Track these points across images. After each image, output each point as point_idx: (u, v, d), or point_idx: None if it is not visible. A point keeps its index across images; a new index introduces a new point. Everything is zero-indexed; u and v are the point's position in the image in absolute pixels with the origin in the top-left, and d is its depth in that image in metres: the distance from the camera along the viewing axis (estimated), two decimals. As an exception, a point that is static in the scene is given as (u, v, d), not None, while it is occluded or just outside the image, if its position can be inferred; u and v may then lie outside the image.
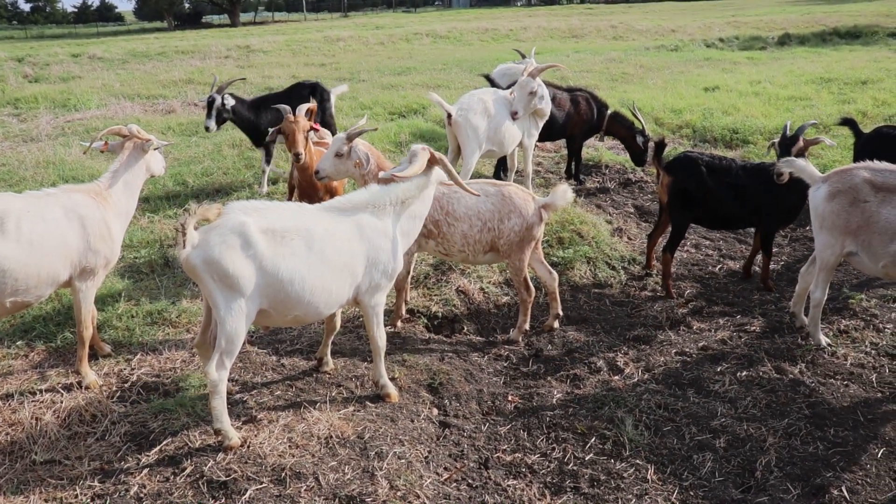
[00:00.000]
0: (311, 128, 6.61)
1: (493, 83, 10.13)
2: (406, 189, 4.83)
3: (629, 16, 49.17)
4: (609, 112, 10.07)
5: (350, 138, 5.78)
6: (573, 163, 10.54)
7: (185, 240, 4.05)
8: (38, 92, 17.18)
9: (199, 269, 4.11)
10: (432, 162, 4.92)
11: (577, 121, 10.00)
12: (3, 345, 5.74)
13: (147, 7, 79.77)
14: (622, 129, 10.13)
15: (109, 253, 5.01)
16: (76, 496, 4.01)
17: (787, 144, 6.87)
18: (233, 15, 67.59)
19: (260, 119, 9.67)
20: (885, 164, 5.55)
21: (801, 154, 6.71)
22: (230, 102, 9.44)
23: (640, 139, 10.04)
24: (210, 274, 4.11)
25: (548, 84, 10.04)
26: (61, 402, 4.85)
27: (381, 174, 5.00)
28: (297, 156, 6.38)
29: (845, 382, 5.45)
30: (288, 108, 6.62)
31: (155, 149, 5.46)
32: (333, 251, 4.45)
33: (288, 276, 4.28)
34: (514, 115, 8.34)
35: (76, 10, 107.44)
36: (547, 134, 10.25)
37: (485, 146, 8.27)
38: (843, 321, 6.42)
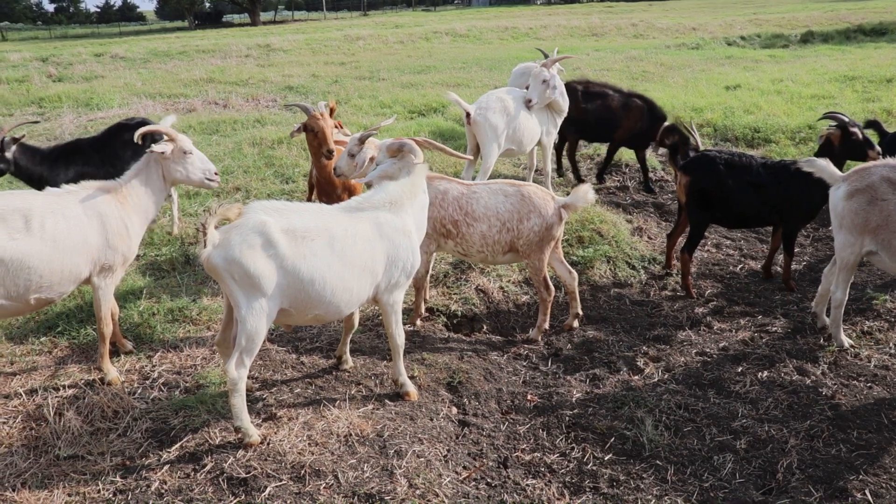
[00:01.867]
0: (336, 125, 6.62)
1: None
2: (415, 182, 4.87)
3: (650, 14, 48.90)
4: (665, 124, 9.58)
5: (362, 141, 5.81)
6: (606, 164, 10.44)
7: (206, 239, 4.07)
8: (62, 91, 17.34)
9: (220, 268, 4.13)
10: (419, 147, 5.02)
11: (625, 126, 9.77)
12: (28, 341, 5.81)
13: (168, 6, 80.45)
14: (672, 141, 9.57)
15: (127, 251, 5.05)
16: (98, 491, 4.05)
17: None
18: (253, 14, 67.95)
19: (56, 175, 7.08)
20: None
21: None
22: (10, 151, 6.97)
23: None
24: (231, 273, 4.13)
25: (604, 85, 10.00)
26: (84, 398, 4.90)
27: (373, 172, 5.11)
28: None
29: (868, 384, 5.39)
30: (309, 105, 6.62)
31: (166, 155, 5.29)
32: (353, 251, 4.47)
33: (308, 276, 4.30)
34: (528, 104, 8.34)
35: (99, 10, 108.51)
36: (591, 133, 10.25)
37: (504, 145, 8.26)
38: (867, 322, 6.35)
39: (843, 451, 4.66)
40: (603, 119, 9.80)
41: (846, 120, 7.06)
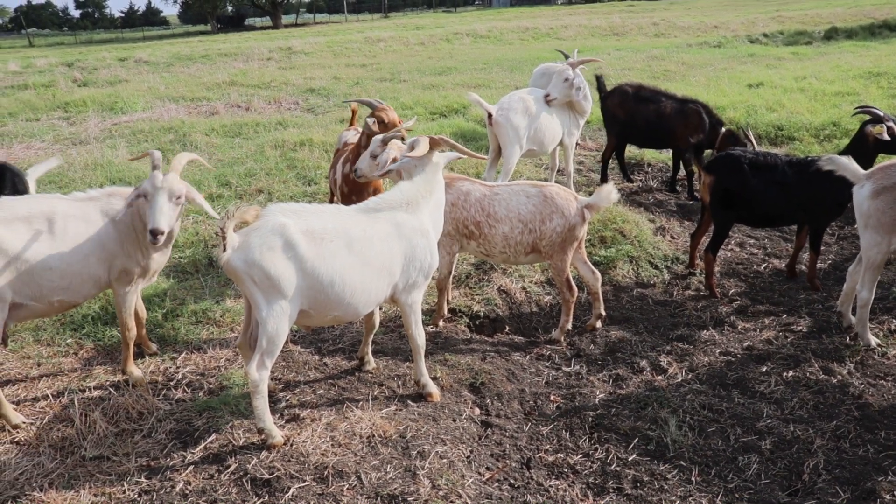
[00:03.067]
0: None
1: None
2: (427, 180, 4.87)
3: (671, 12, 48.59)
4: (724, 130, 9.43)
5: (385, 142, 5.82)
6: (678, 174, 10.20)
7: (226, 242, 4.09)
8: (87, 96, 17.53)
9: (240, 271, 4.15)
10: (434, 145, 4.97)
11: (682, 132, 9.49)
12: (54, 342, 5.88)
13: (191, 11, 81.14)
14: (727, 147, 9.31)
15: (142, 259, 5.05)
16: (124, 492, 4.09)
17: None
18: (274, 17, 68.38)
19: None
20: None
21: None
22: None
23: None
24: (251, 276, 4.15)
25: (659, 92, 9.86)
26: (109, 400, 4.95)
27: (389, 165, 5.17)
28: (402, 139, 6.45)
29: (896, 384, 5.33)
30: (373, 99, 6.75)
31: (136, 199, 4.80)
32: (371, 251, 4.48)
33: (328, 278, 4.31)
34: (547, 98, 8.30)
35: (123, 15, 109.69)
36: (645, 139, 10.12)
37: (525, 146, 8.26)
38: (894, 321, 6.28)
39: (870, 452, 4.61)
40: (654, 124, 9.63)
41: (881, 114, 6.97)
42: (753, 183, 6.78)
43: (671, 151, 10.17)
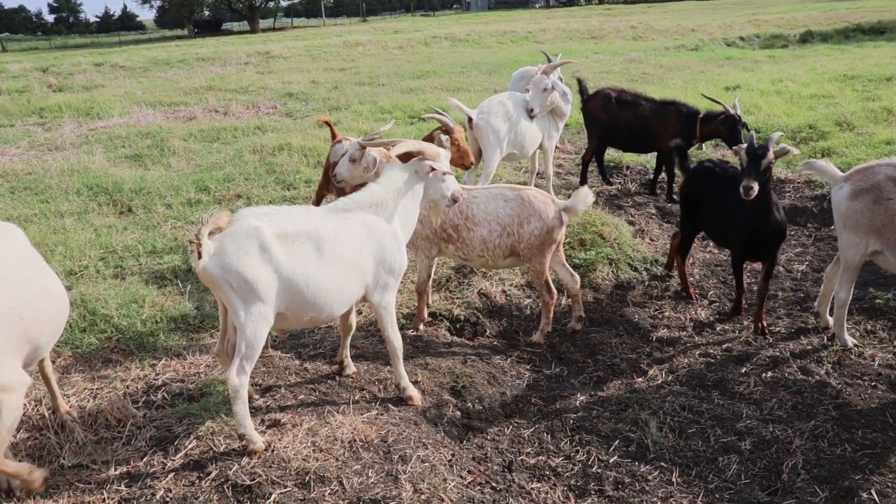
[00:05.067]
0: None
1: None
2: (395, 181, 4.87)
3: (648, 16, 48.95)
4: (700, 116, 9.38)
5: (363, 146, 5.82)
6: (659, 177, 10.18)
7: (202, 249, 4.07)
8: (63, 101, 17.38)
9: (217, 277, 4.12)
10: (426, 157, 4.95)
11: (663, 134, 9.47)
12: (31, 351, 5.80)
13: (167, 15, 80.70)
14: (713, 126, 9.31)
15: None
16: (103, 500, 4.05)
17: (757, 155, 5.80)
18: (252, 21, 68.18)
19: None
20: None
21: (769, 168, 5.82)
22: None
23: (739, 128, 9.09)
24: (229, 281, 4.13)
25: (639, 96, 9.88)
26: (87, 408, 4.90)
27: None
28: (470, 165, 6.82)
29: (873, 383, 5.39)
30: (449, 119, 6.75)
31: None
32: (343, 251, 4.50)
33: (303, 280, 4.31)
34: (530, 113, 8.34)
35: (98, 19, 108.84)
36: (627, 143, 10.12)
37: (506, 149, 8.27)
38: (870, 321, 6.35)
39: (848, 451, 4.66)
40: (635, 128, 9.64)
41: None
42: (716, 197, 6.56)
43: (655, 154, 10.21)
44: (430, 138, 6.64)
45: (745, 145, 5.94)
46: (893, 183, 5.39)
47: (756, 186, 5.63)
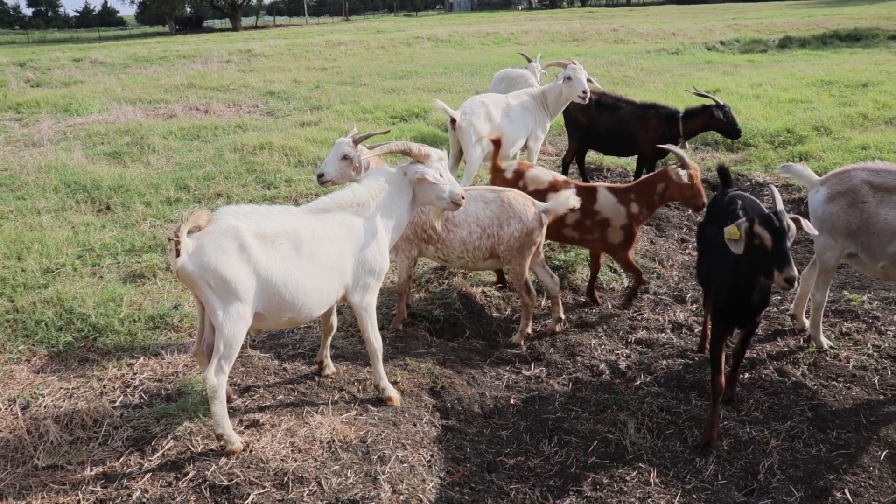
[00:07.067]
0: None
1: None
2: (377, 181, 4.87)
3: (630, 19, 49.20)
4: (680, 115, 9.41)
5: (356, 142, 5.79)
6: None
7: (180, 248, 4.05)
8: (40, 97, 17.21)
9: (195, 276, 4.10)
10: (412, 157, 4.93)
11: (644, 138, 9.49)
12: (6, 349, 5.75)
13: (148, 11, 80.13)
14: (699, 120, 9.40)
15: None
16: (78, 501, 4.02)
17: None
18: (234, 19, 67.82)
19: None
20: (883, 164, 5.57)
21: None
22: None
23: (718, 114, 9.32)
24: (207, 280, 4.11)
25: (620, 99, 9.83)
26: (62, 407, 4.85)
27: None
28: (703, 206, 6.40)
29: (847, 385, 5.45)
30: (685, 155, 6.44)
31: None
32: (322, 252, 4.49)
33: (282, 279, 4.30)
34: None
35: (78, 14, 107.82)
36: (606, 146, 10.13)
37: (487, 149, 8.28)
38: (846, 323, 6.41)
39: (822, 451, 4.70)
40: (615, 132, 9.65)
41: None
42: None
43: (636, 158, 10.25)
44: (664, 172, 6.46)
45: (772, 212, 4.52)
46: (869, 187, 5.45)
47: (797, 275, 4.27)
